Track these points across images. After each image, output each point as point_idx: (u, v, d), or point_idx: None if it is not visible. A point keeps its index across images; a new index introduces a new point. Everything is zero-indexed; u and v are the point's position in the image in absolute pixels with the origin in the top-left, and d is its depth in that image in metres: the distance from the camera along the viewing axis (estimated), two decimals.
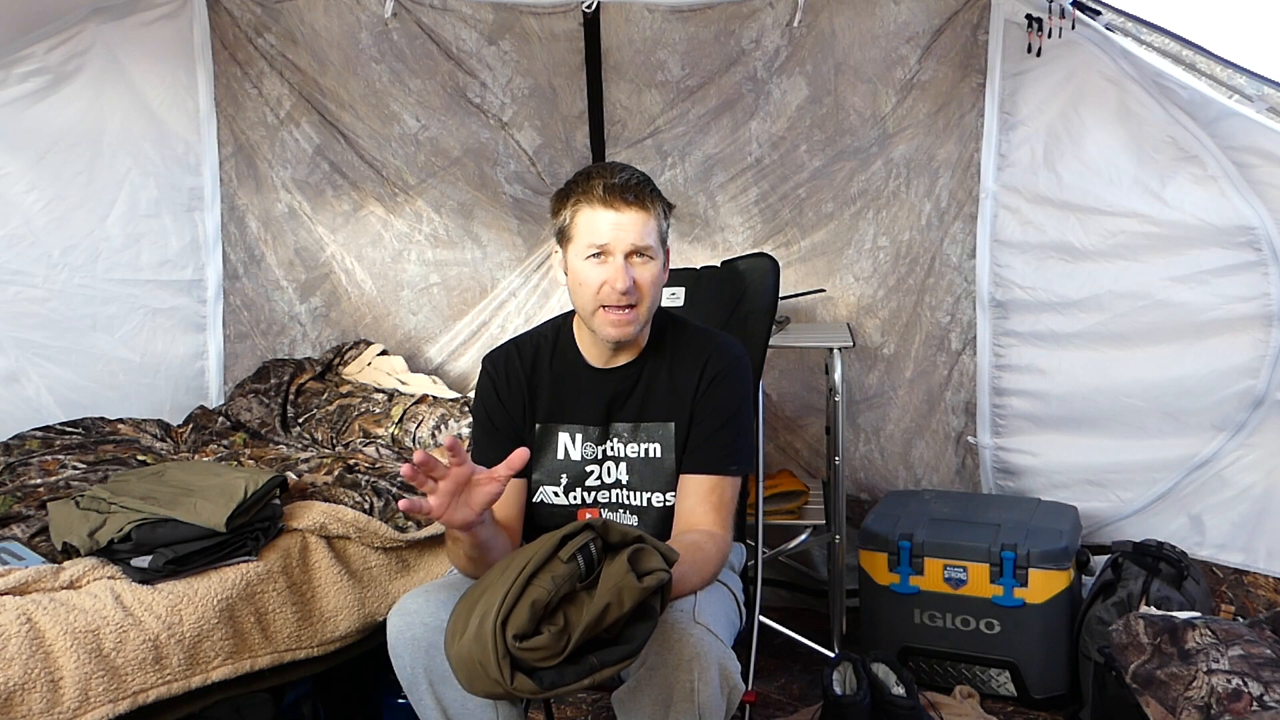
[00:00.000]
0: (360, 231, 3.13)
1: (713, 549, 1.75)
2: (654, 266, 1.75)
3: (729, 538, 1.80)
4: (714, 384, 1.81)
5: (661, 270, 1.77)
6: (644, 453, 1.83)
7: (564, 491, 1.84)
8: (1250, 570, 2.59)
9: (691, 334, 1.87)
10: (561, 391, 1.84)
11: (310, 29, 2.87)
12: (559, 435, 1.85)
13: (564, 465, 1.84)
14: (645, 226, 1.72)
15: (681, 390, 1.82)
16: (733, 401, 1.82)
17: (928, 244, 2.94)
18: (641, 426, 1.83)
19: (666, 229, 1.79)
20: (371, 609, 2.16)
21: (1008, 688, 2.56)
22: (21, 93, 2.52)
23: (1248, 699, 1.73)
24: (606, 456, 1.84)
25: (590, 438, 1.84)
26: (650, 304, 1.76)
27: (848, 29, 2.81)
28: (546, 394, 1.85)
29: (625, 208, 1.71)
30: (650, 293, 1.75)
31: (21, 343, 2.59)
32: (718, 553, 1.76)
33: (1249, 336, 2.50)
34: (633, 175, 1.74)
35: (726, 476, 1.80)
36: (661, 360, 1.84)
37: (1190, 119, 2.43)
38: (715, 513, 1.78)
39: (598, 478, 1.84)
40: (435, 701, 1.73)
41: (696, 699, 1.57)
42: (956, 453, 3.05)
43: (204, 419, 2.73)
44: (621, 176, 1.73)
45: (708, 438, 1.80)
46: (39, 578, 1.84)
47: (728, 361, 1.83)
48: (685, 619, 1.64)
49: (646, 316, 1.77)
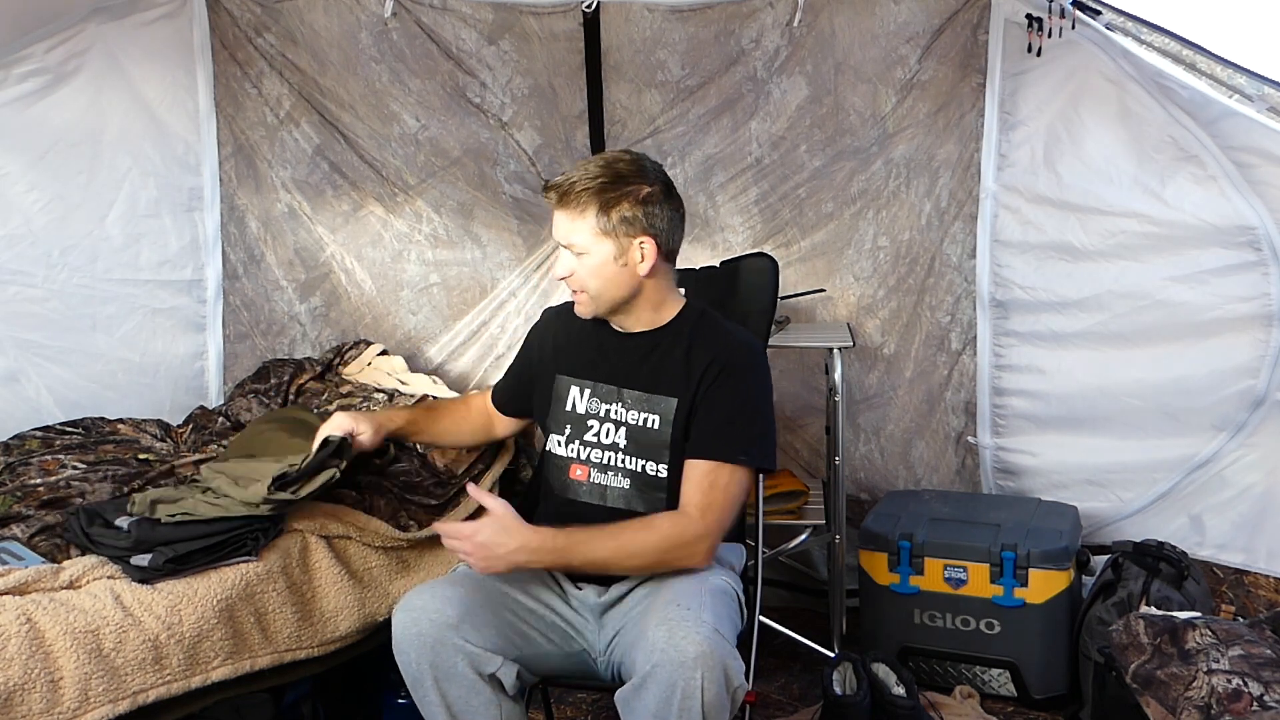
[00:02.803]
0: (360, 231, 3.13)
1: (662, 529, 1.81)
2: (587, 260, 1.89)
3: (709, 523, 1.82)
4: (726, 372, 1.88)
5: (601, 263, 1.89)
6: (643, 422, 1.92)
7: (565, 442, 1.98)
8: (1250, 570, 2.60)
9: (715, 324, 1.99)
10: (583, 348, 2.01)
11: (310, 29, 2.87)
12: (570, 388, 2.00)
13: (569, 416, 1.98)
14: (571, 224, 1.88)
15: (693, 371, 1.90)
16: (748, 393, 1.90)
17: (928, 244, 2.94)
18: (647, 397, 1.93)
19: (616, 223, 1.87)
20: (372, 609, 2.16)
21: (1008, 688, 2.56)
22: (21, 93, 2.51)
23: (1248, 699, 1.73)
24: (609, 418, 1.94)
25: (597, 394, 1.97)
26: (596, 290, 1.91)
27: (848, 29, 2.81)
28: (570, 349, 2.03)
29: (557, 206, 1.90)
30: (589, 283, 1.91)
31: (21, 343, 2.59)
32: (669, 533, 1.81)
33: (1249, 336, 2.50)
34: (570, 178, 1.88)
35: (729, 464, 1.84)
36: (679, 339, 1.94)
37: (1190, 119, 2.43)
38: (702, 496, 1.83)
39: (595, 434, 1.94)
40: (440, 698, 1.74)
41: (702, 698, 1.58)
42: (956, 453, 3.05)
43: (204, 419, 2.73)
44: (561, 178, 1.89)
45: (720, 425, 1.86)
46: (39, 578, 1.84)
47: (745, 355, 1.94)
48: (691, 618, 1.64)
49: (599, 300, 1.93)
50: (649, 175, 1.91)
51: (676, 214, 1.94)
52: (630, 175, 1.89)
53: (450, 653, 1.72)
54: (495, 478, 2.46)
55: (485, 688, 1.75)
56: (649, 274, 1.91)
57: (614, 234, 1.87)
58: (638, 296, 1.94)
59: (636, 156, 1.95)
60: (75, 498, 2.19)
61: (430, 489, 2.41)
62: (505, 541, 1.77)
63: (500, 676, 1.75)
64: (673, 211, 1.93)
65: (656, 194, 1.90)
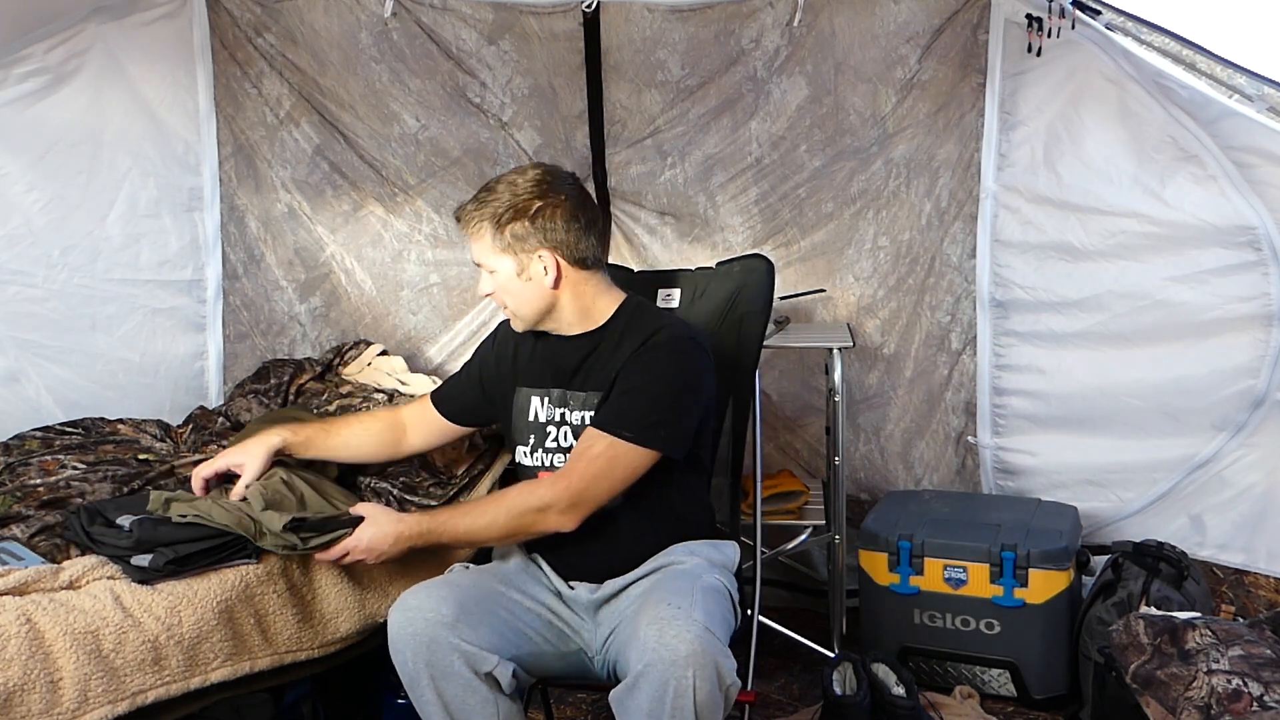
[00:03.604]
0: (360, 231, 3.13)
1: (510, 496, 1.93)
2: (496, 278, 1.96)
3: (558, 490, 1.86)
4: (640, 353, 1.90)
5: (507, 279, 1.95)
6: (582, 420, 1.95)
7: (530, 452, 2.02)
8: (1251, 570, 2.60)
9: (647, 314, 2.01)
10: (536, 357, 2.05)
11: (310, 29, 2.86)
12: (531, 398, 2.03)
13: (532, 426, 2.02)
14: (475, 245, 1.97)
15: (618, 360, 1.92)
16: (656, 375, 1.88)
17: (928, 244, 2.94)
18: (585, 395, 1.97)
19: (513, 238, 1.92)
20: (372, 610, 2.16)
21: (1008, 688, 2.56)
22: (21, 93, 2.51)
23: (1248, 699, 1.73)
24: (564, 421, 1.98)
25: (552, 400, 2.01)
26: (515, 306, 1.98)
27: (848, 29, 2.81)
28: (525, 359, 2.07)
29: (461, 229, 1.99)
30: (506, 299, 1.98)
31: (21, 343, 2.58)
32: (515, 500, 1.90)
33: (1249, 336, 2.50)
34: (468, 203, 1.96)
35: (610, 436, 1.85)
36: (614, 335, 1.97)
37: (1190, 119, 2.43)
38: (575, 462, 1.87)
39: (554, 440, 1.98)
40: (437, 697, 1.74)
41: (694, 696, 1.58)
42: (956, 453, 3.05)
43: (204, 419, 2.73)
44: (463, 202, 1.97)
45: (616, 398, 1.89)
46: (38, 578, 1.84)
47: (667, 337, 1.92)
48: (683, 617, 1.64)
49: (521, 315, 1.99)
50: (544, 189, 1.93)
51: (578, 222, 1.94)
52: (523, 193, 1.92)
53: (446, 652, 1.72)
54: (495, 477, 2.46)
55: (482, 686, 1.75)
56: (555, 285, 1.94)
57: (511, 250, 1.93)
58: (556, 306, 1.97)
59: (537, 171, 1.97)
60: (75, 498, 2.19)
61: (430, 489, 2.41)
62: (385, 535, 1.90)
63: (497, 675, 1.75)
64: (572, 220, 1.93)
65: (549, 208, 1.91)
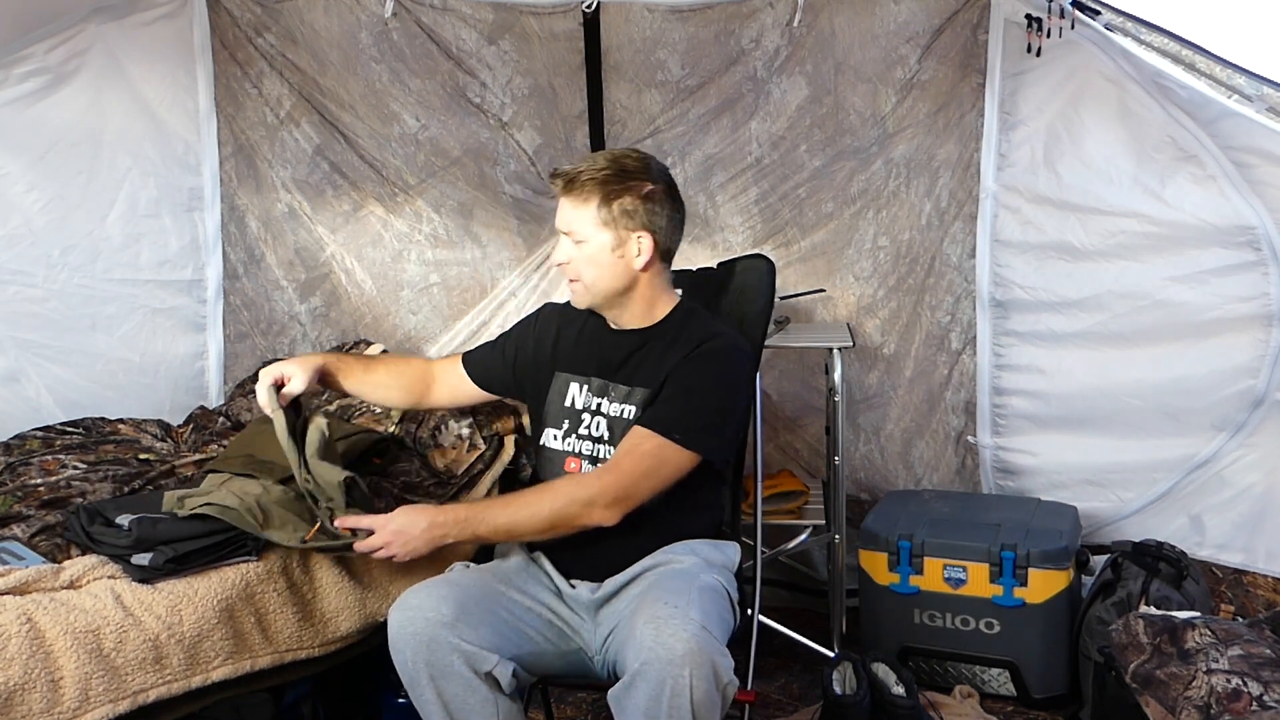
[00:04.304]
0: (360, 231, 3.13)
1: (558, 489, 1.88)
2: (584, 248, 1.92)
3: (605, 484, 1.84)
4: (692, 358, 1.91)
5: (597, 251, 1.91)
6: (621, 413, 1.95)
7: (562, 436, 2.00)
8: (1250, 570, 2.60)
9: (702, 321, 2.01)
10: (579, 344, 2.04)
11: (310, 29, 2.87)
12: (570, 384, 2.02)
13: (567, 412, 2.00)
14: (574, 212, 1.92)
15: (668, 363, 1.92)
16: (707, 380, 1.90)
17: (928, 244, 2.94)
18: (628, 390, 1.96)
19: (617, 214, 1.90)
20: (372, 609, 2.16)
21: (1008, 688, 2.56)
22: (21, 93, 2.51)
23: (1247, 699, 1.73)
24: (599, 411, 1.97)
25: (592, 389, 1.99)
26: (591, 280, 1.93)
27: (848, 29, 2.81)
28: (568, 344, 2.06)
29: (562, 193, 1.93)
30: (584, 270, 1.93)
31: (21, 343, 2.59)
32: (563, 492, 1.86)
33: (1249, 336, 2.50)
34: (580, 167, 1.93)
35: (659, 436, 1.85)
36: (665, 336, 1.97)
37: (1190, 119, 2.43)
38: (622, 458, 1.86)
39: (586, 428, 1.97)
40: (436, 696, 1.74)
41: (691, 695, 1.58)
42: (956, 453, 3.05)
43: (204, 419, 2.73)
44: (568, 166, 1.95)
45: (665, 400, 1.89)
46: (39, 578, 1.84)
47: (723, 345, 1.95)
48: (679, 616, 1.64)
49: (593, 291, 1.95)
50: (654, 174, 1.95)
51: (677, 215, 1.98)
52: (635, 171, 1.93)
53: (446, 651, 1.72)
54: (495, 477, 2.47)
55: (482, 686, 1.75)
56: (644, 269, 1.94)
57: (613, 225, 1.91)
58: (631, 291, 1.96)
59: (644, 155, 1.99)
60: (75, 498, 2.19)
61: (430, 489, 2.41)
62: (417, 521, 1.85)
63: (496, 675, 1.75)
64: (674, 212, 1.96)
65: (659, 192, 1.93)
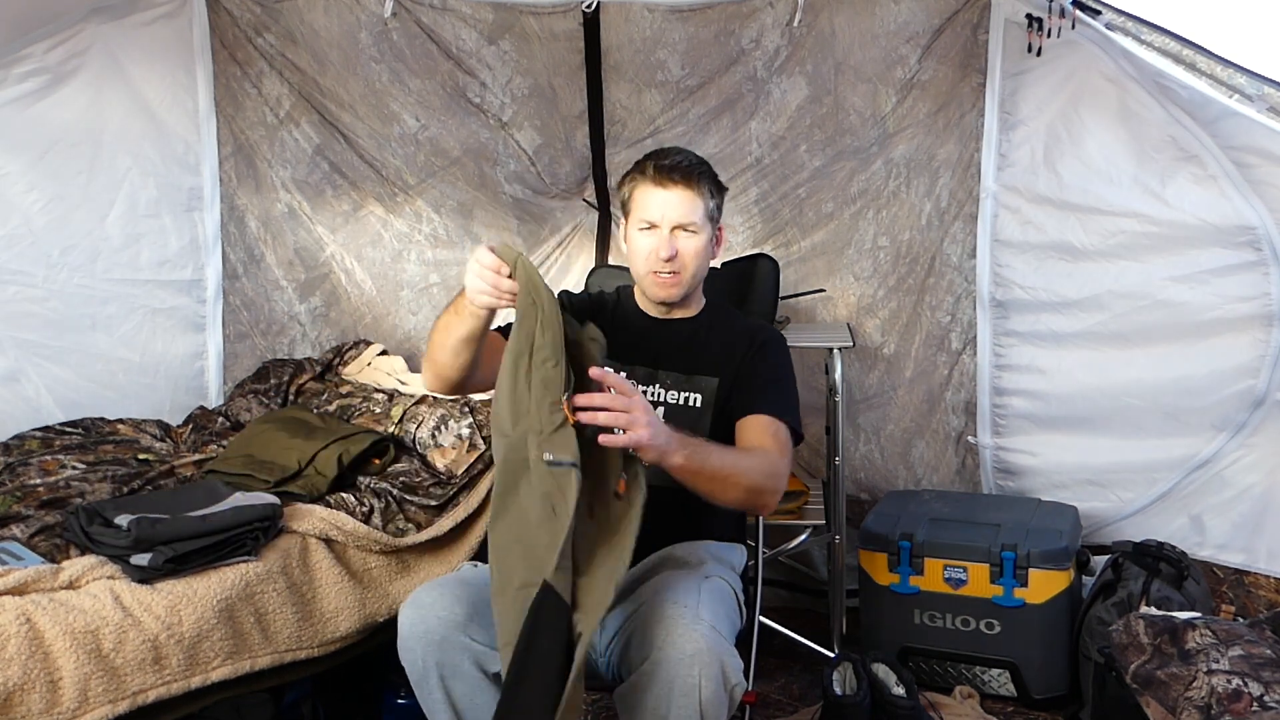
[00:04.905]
0: (360, 231, 3.13)
1: (760, 455, 1.84)
2: (698, 239, 1.94)
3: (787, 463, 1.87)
4: (763, 347, 1.99)
5: (707, 243, 1.96)
6: (684, 400, 1.97)
7: None
8: (1251, 570, 2.59)
9: (733, 313, 2.09)
10: (617, 334, 1.97)
11: (310, 29, 2.87)
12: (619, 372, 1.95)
13: None
14: (689, 204, 1.92)
15: (733, 352, 1.98)
16: (783, 367, 2.00)
17: (928, 244, 2.94)
18: (688, 378, 1.98)
19: (715, 207, 1.97)
20: (372, 610, 2.16)
21: (1008, 688, 2.56)
22: (21, 93, 2.51)
23: (1248, 699, 1.73)
24: (649, 400, 1.93)
25: (634, 376, 1.97)
26: (694, 271, 1.96)
27: (848, 29, 2.81)
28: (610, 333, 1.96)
29: (673, 186, 1.92)
30: (692, 262, 1.95)
31: (21, 343, 2.59)
32: (764, 460, 1.83)
33: (1249, 336, 2.50)
34: (684, 158, 1.95)
35: (781, 421, 1.91)
36: (714, 326, 2.03)
37: (1190, 119, 2.43)
38: (772, 440, 1.88)
39: None
40: (444, 696, 1.73)
41: (699, 695, 1.58)
42: (956, 453, 3.04)
43: (204, 419, 2.73)
44: (673, 159, 1.94)
45: (766, 387, 1.94)
46: (38, 578, 1.84)
47: (774, 335, 2.07)
48: (689, 615, 1.64)
49: (690, 282, 1.97)
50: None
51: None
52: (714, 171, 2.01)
53: (457, 651, 1.72)
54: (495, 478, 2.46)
55: (490, 686, 1.75)
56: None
57: (713, 218, 1.97)
58: (701, 282, 2.03)
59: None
60: (75, 498, 2.19)
61: (430, 489, 2.41)
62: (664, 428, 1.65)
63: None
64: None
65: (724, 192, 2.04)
